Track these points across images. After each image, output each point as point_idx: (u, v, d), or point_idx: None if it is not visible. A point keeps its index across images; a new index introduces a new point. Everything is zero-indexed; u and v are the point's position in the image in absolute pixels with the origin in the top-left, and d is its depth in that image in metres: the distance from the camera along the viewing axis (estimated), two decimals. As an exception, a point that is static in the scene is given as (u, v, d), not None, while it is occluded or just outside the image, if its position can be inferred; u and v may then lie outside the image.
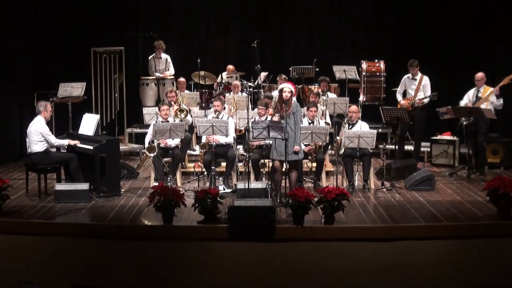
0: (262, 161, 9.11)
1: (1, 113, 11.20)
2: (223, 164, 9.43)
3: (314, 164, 9.33)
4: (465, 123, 10.22)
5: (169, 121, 9.50)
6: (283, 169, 8.19)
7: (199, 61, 11.18)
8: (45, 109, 8.83)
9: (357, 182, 9.26)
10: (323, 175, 9.43)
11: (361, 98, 11.79)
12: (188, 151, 10.62)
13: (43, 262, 7.34)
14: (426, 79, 10.54)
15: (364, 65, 11.77)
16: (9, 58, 11.31)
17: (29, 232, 7.39)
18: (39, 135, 8.68)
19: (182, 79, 11.79)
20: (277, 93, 8.63)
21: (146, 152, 9.34)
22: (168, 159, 9.31)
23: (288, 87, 8.14)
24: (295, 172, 8.26)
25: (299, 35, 13.77)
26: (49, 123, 9.09)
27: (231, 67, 12.64)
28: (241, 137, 9.83)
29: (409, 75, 10.63)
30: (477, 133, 10.12)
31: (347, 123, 9.48)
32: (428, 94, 10.44)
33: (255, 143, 9.11)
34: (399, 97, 10.78)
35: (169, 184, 8.76)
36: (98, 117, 9.40)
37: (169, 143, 9.37)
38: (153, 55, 12.39)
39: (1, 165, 10.88)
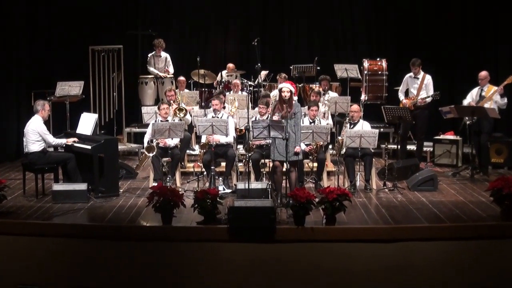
0: (262, 161, 9.11)
1: (-2, 112, 11.23)
2: (223, 164, 9.43)
3: (315, 164, 9.33)
4: (468, 123, 10.22)
5: (168, 120, 9.50)
6: (284, 169, 8.18)
7: (198, 59, 11.17)
8: (43, 108, 8.83)
9: (358, 182, 9.26)
10: (324, 175, 9.42)
11: (363, 97, 11.79)
12: (187, 151, 10.61)
13: (40, 263, 7.33)
14: (428, 78, 10.53)
15: (366, 64, 11.78)
16: (6, 56, 11.32)
17: (26, 233, 7.39)
18: (36, 134, 8.67)
19: (182, 78, 11.79)
20: (277, 92, 8.63)
21: (145, 152, 9.34)
22: (167, 159, 9.31)
23: (287, 87, 8.13)
24: (295, 172, 8.26)
25: (299, 33, 13.77)
26: (46, 122, 9.10)
27: (231, 65, 12.63)
28: (241, 136, 9.82)
29: (411, 74, 10.62)
30: (481, 132, 10.12)
31: (348, 123, 9.48)
32: (430, 93, 10.43)
33: (256, 143, 9.11)
34: (401, 96, 10.78)
35: (168, 184, 8.76)
36: (96, 116, 9.40)
37: (168, 142, 9.37)
38: (153, 53, 12.39)
39: (-2, 165, 10.91)
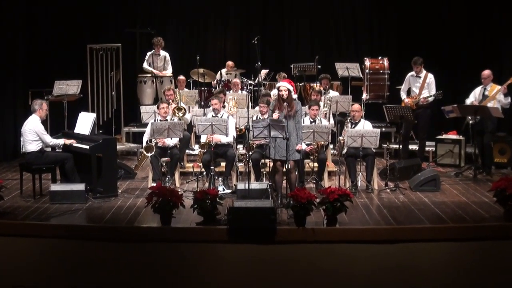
0: (262, 161, 9.11)
1: (-6, 112, 11.23)
2: (223, 164, 9.42)
3: (316, 164, 9.33)
4: (471, 122, 10.21)
5: (167, 119, 9.49)
6: (284, 169, 8.19)
7: (198, 58, 11.17)
8: (40, 108, 8.83)
9: (360, 182, 9.27)
10: (325, 175, 9.42)
11: (364, 96, 11.78)
12: (186, 151, 10.61)
13: (38, 264, 7.33)
14: (430, 77, 10.53)
15: (367, 63, 11.77)
16: (2, 54, 11.31)
17: (24, 233, 7.38)
18: (34, 134, 8.67)
19: (181, 77, 11.79)
20: (276, 91, 8.65)
21: (143, 151, 9.34)
22: (166, 159, 9.31)
23: (284, 86, 8.14)
24: (295, 172, 8.26)
25: (300, 32, 13.77)
26: (44, 122, 9.10)
27: (230, 63, 12.64)
28: (241, 136, 9.82)
29: (413, 72, 10.63)
30: (484, 132, 10.12)
31: (349, 122, 9.48)
32: (432, 92, 10.43)
33: (256, 142, 9.10)
34: (403, 95, 10.78)
35: (167, 184, 8.77)
36: (94, 115, 9.41)
37: (167, 142, 9.36)
38: (152, 51, 12.38)
39: (-5, 165, 10.91)
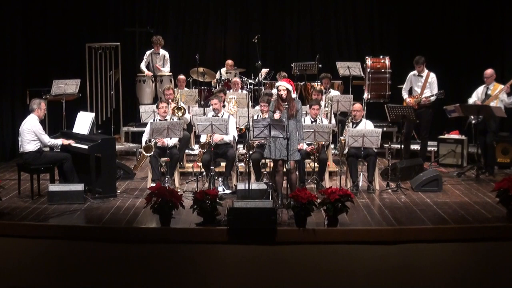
0: (263, 161, 9.10)
1: (-8, 111, 11.23)
2: (223, 164, 9.42)
3: (316, 164, 9.32)
4: (473, 122, 10.20)
5: (167, 119, 9.49)
6: (284, 170, 8.19)
7: (197, 57, 11.16)
8: (38, 107, 8.83)
9: (361, 182, 9.26)
10: (326, 175, 9.42)
11: (366, 95, 11.78)
12: (186, 151, 10.60)
13: (36, 265, 7.33)
14: (432, 76, 10.53)
15: (368, 62, 11.77)
16: (0, 53, 11.30)
17: (21, 234, 7.38)
18: (32, 133, 8.67)
19: (182, 77, 11.78)
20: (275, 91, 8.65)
21: (143, 151, 9.34)
22: (165, 159, 9.30)
23: (283, 85, 8.14)
24: (296, 172, 8.25)
25: (301, 30, 13.76)
26: (42, 121, 9.09)
27: (230, 62, 12.62)
28: (242, 136, 9.82)
29: (415, 72, 10.62)
30: (487, 131, 10.11)
31: (351, 122, 9.47)
32: (434, 91, 10.42)
33: (256, 142, 9.10)
34: (405, 94, 10.77)
35: (166, 185, 8.76)
36: (93, 115, 9.40)
37: (167, 142, 9.35)
38: (151, 50, 12.37)
39: (-7, 165, 10.91)
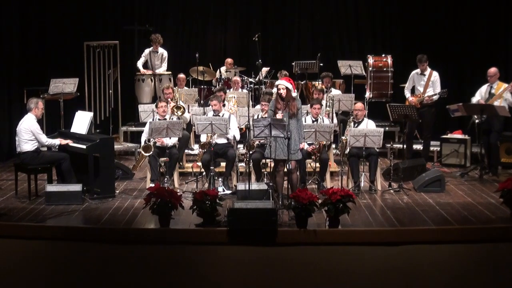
0: (263, 161, 9.10)
1: (-11, 111, 11.23)
2: (223, 164, 9.42)
3: (317, 164, 9.32)
4: (477, 121, 10.20)
5: (166, 118, 9.49)
6: (285, 170, 8.19)
7: (197, 56, 11.16)
8: (36, 106, 8.83)
9: (363, 183, 9.25)
10: (328, 175, 9.42)
11: (368, 94, 11.78)
12: (186, 151, 10.60)
13: (33, 266, 7.32)
14: (435, 75, 10.52)
15: (370, 60, 11.77)
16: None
17: (19, 235, 7.37)
18: (29, 133, 8.67)
19: (181, 76, 11.77)
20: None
21: (141, 151, 9.34)
22: (165, 159, 9.29)
23: (282, 84, 8.14)
24: (297, 172, 8.25)
25: (302, 29, 13.75)
26: (40, 121, 9.10)
27: (229, 61, 12.62)
28: (242, 135, 9.81)
29: (418, 70, 10.62)
30: (490, 131, 10.10)
31: (352, 121, 9.47)
32: (437, 90, 10.42)
33: (257, 141, 9.10)
34: (407, 93, 10.77)
35: (166, 185, 8.76)
36: (91, 114, 9.39)
37: (166, 142, 9.35)
38: (150, 49, 12.36)
39: (-11, 165, 10.90)
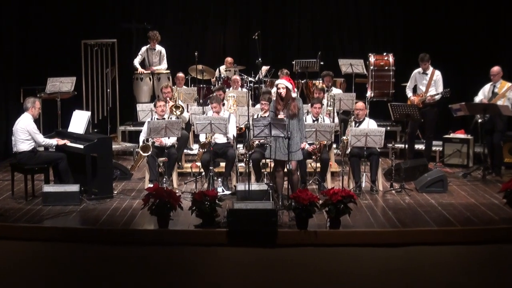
0: (263, 161, 9.10)
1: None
2: (222, 164, 9.42)
3: (318, 164, 9.32)
4: (480, 121, 10.19)
5: (165, 118, 9.49)
6: (285, 170, 8.19)
7: (196, 54, 11.16)
8: (33, 106, 8.83)
9: (364, 183, 9.25)
10: (328, 176, 9.42)
11: (369, 93, 11.78)
12: (185, 151, 10.60)
13: (29, 268, 7.32)
14: (438, 74, 10.52)
15: (372, 59, 11.77)
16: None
17: (15, 236, 7.37)
18: (26, 133, 8.66)
19: (180, 74, 11.76)
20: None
21: (140, 151, 9.33)
22: (163, 159, 9.30)
23: (282, 83, 8.14)
24: (297, 173, 8.25)
25: (302, 27, 13.75)
26: (36, 120, 9.10)
27: (229, 60, 12.62)
28: (242, 135, 9.82)
29: (420, 69, 10.62)
30: (493, 131, 10.11)
31: (353, 121, 9.47)
32: (440, 90, 10.42)
33: (256, 141, 9.10)
34: (409, 93, 10.77)
35: (164, 185, 8.76)
36: (89, 114, 9.39)
37: (165, 141, 9.36)
38: (147, 46, 12.36)
39: (-15, 165, 10.90)
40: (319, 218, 7.52)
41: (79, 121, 9.18)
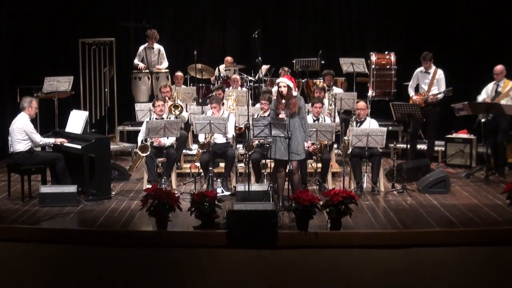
0: (263, 161, 9.11)
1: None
2: (222, 164, 9.43)
3: (319, 164, 9.32)
4: (483, 120, 10.20)
5: (163, 118, 9.49)
6: (286, 170, 8.19)
7: (195, 53, 11.16)
8: (29, 105, 8.83)
9: (365, 184, 9.26)
10: (329, 176, 9.42)
11: (370, 93, 11.78)
12: (184, 151, 10.61)
13: (26, 270, 7.32)
14: (440, 73, 10.52)
15: (373, 58, 11.76)
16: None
17: (12, 238, 7.37)
18: (22, 133, 8.67)
19: (179, 74, 11.76)
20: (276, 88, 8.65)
21: (138, 151, 9.34)
22: (162, 159, 9.31)
23: (283, 82, 8.14)
24: (298, 173, 8.26)
25: (303, 25, 13.76)
26: (33, 120, 9.10)
27: (229, 59, 12.63)
28: (241, 135, 9.82)
29: (422, 68, 10.62)
30: (497, 131, 10.11)
31: (354, 121, 9.47)
32: (442, 89, 10.42)
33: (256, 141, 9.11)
34: (411, 92, 10.77)
35: (163, 186, 8.76)
36: (86, 114, 9.40)
37: (164, 142, 9.36)
38: (145, 45, 12.36)
39: (-18, 166, 10.90)
40: (320, 219, 7.53)
41: (77, 121, 9.19)
